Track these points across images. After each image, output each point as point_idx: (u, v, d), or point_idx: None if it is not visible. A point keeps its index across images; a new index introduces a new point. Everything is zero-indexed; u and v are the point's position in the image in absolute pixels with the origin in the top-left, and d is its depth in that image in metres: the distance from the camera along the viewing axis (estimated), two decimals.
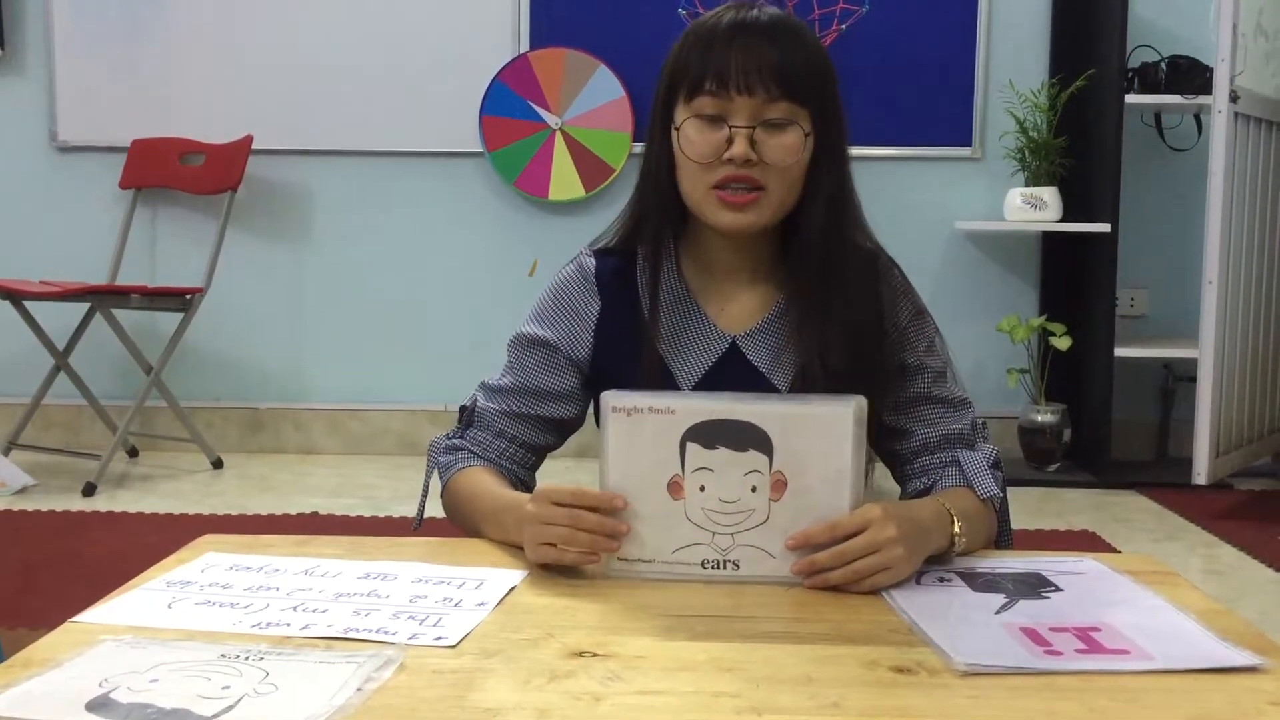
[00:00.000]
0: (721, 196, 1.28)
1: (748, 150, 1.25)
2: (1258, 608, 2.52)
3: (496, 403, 1.41)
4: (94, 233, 4.02)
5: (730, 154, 1.26)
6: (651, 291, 1.35)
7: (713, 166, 1.27)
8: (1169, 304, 4.03)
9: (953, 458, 1.34)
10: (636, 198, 1.39)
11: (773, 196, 1.29)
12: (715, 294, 1.37)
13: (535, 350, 1.40)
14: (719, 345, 1.35)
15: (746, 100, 1.25)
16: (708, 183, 1.28)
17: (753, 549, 1.13)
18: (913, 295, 1.39)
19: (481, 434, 1.41)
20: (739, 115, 1.26)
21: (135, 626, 0.99)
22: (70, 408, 3.97)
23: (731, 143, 1.26)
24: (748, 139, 1.25)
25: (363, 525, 3.12)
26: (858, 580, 1.10)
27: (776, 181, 1.28)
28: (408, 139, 4.02)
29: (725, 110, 1.26)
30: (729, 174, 1.27)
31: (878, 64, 3.89)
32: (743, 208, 1.28)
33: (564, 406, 1.41)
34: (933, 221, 3.98)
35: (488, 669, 0.91)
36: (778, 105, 1.26)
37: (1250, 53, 3.41)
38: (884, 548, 1.10)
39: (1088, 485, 3.68)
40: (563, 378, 1.40)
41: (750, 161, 1.26)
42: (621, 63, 3.92)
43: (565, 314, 1.40)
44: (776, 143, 1.27)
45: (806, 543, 1.12)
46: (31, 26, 4.02)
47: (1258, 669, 0.92)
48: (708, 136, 1.27)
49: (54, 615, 1.03)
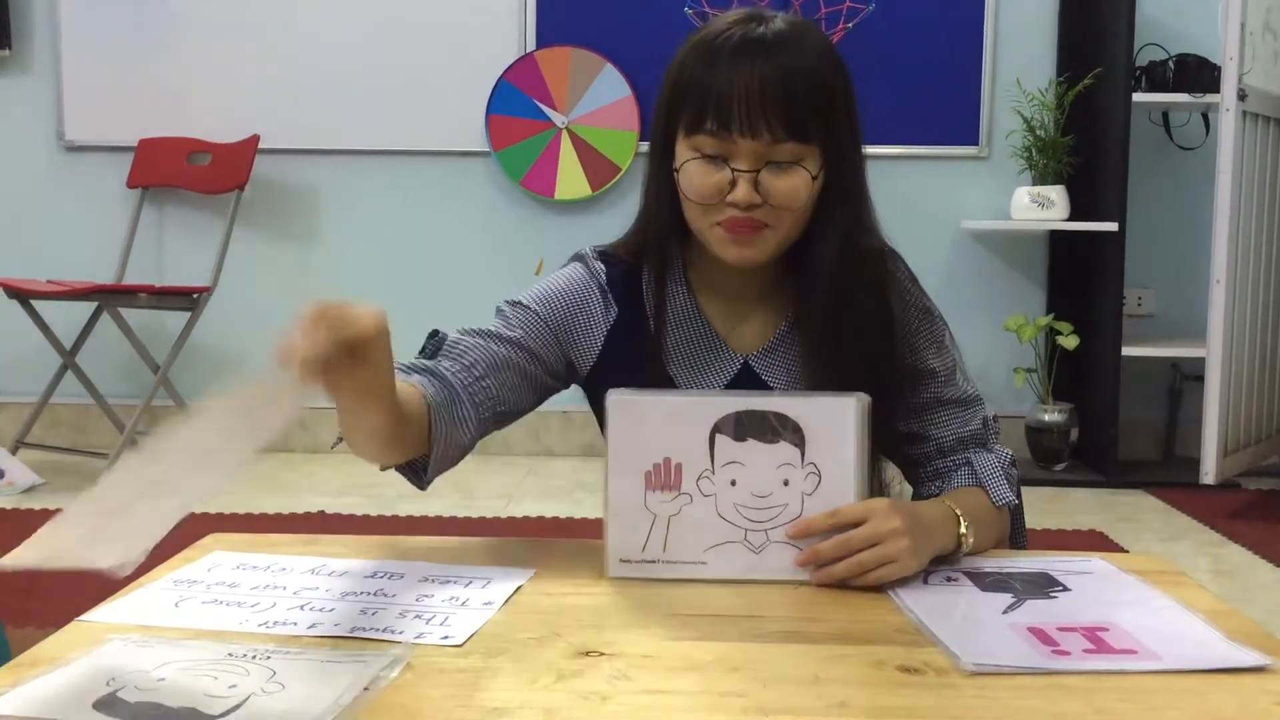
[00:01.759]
0: (726, 230, 1.23)
1: (751, 195, 1.20)
2: (1266, 607, 2.52)
3: (476, 338, 1.30)
4: (101, 232, 4.02)
5: (733, 198, 1.20)
6: (658, 313, 1.32)
7: (716, 206, 1.23)
8: (1176, 303, 4.02)
9: (966, 459, 1.33)
10: (642, 218, 1.34)
11: (778, 232, 1.24)
12: (725, 313, 1.34)
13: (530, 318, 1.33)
14: (732, 366, 1.33)
15: (750, 143, 1.19)
16: (711, 220, 1.24)
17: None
18: (919, 295, 1.36)
19: (448, 363, 1.27)
20: (742, 158, 1.20)
21: (142, 625, 0.99)
22: (78, 407, 3.98)
23: (734, 184, 1.20)
24: (751, 182, 1.20)
25: (369, 524, 3.12)
26: (863, 572, 1.09)
27: (781, 220, 1.23)
28: (414, 138, 4.02)
29: (728, 151, 1.20)
30: (732, 217, 1.22)
31: (884, 63, 3.88)
32: (748, 242, 1.24)
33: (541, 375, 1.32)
34: (940, 220, 3.98)
35: (494, 668, 0.91)
36: (783, 147, 1.20)
37: (1258, 51, 3.40)
38: (888, 539, 1.09)
39: (1095, 485, 3.68)
40: (552, 356, 1.33)
41: (755, 204, 1.20)
42: (628, 61, 3.92)
43: (575, 317, 1.34)
44: (782, 185, 1.21)
45: (809, 531, 1.12)
46: (39, 26, 4.03)
47: (1266, 669, 0.92)
48: (710, 178, 1.21)
49: (61, 614, 1.03)
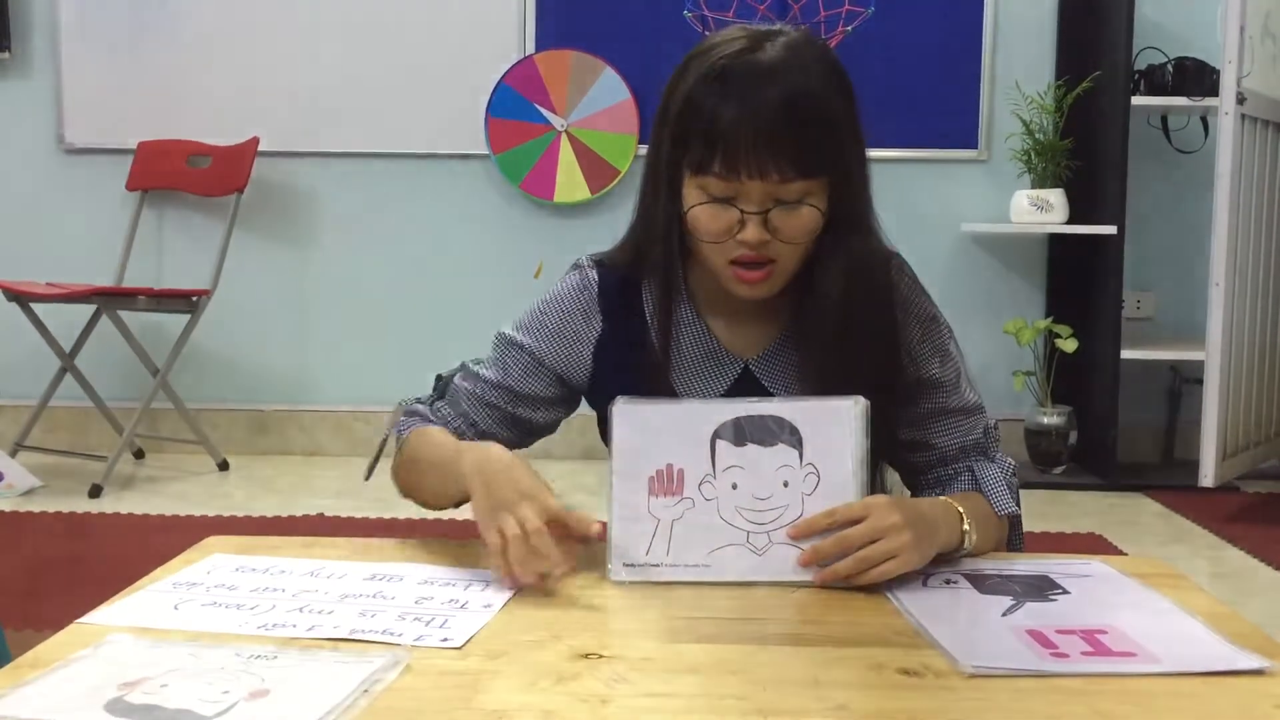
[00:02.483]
0: (736, 272, 1.24)
1: (761, 234, 1.20)
2: (1265, 610, 2.52)
3: (471, 384, 1.37)
4: (101, 235, 4.02)
5: (742, 238, 1.20)
6: (663, 329, 1.31)
7: (725, 245, 1.23)
8: (1175, 306, 4.02)
9: (968, 467, 1.33)
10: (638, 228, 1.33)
11: (786, 266, 1.24)
12: (725, 318, 1.34)
13: (520, 354, 1.36)
14: (733, 370, 1.33)
15: (759, 184, 1.19)
16: (722, 258, 1.24)
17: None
18: (922, 302, 1.35)
19: (447, 409, 1.38)
20: (750, 199, 1.20)
21: (141, 628, 0.99)
22: (77, 409, 3.98)
23: (743, 224, 1.20)
24: (760, 223, 1.20)
25: (368, 527, 3.13)
26: (865, 569, 1.09)
27: (790, 253, 1.23)
28: (414, 141, 4.02)
29: (735, 192, 1.20)
30: (742, 255, 1.22)
31: (884, 66, 3.89)
32: (757, 283, 1.24)
33: (539, 412, 1.37)
34: (939, 223, 3.98)
35: (494, 670, 0.91)
36: (792, 186, 1.19)
37: (1257, 54, 3.41)
38: (889, 534, 1.10)
39: (1094, 488, 3.68)
40: (543, 385, 1.36)
41: (764, 242, 1.21)
42: (627, 64, 3.92)
43: (562, 336, 1.35)
44: (791, 223, 1.21)
45: (810, 531, 1.12)
46: (38, 29, 4.03)
47: (1265, 672, 0.92)
48: (719, 219, 1.21)
49: (60, 616, 1.03)
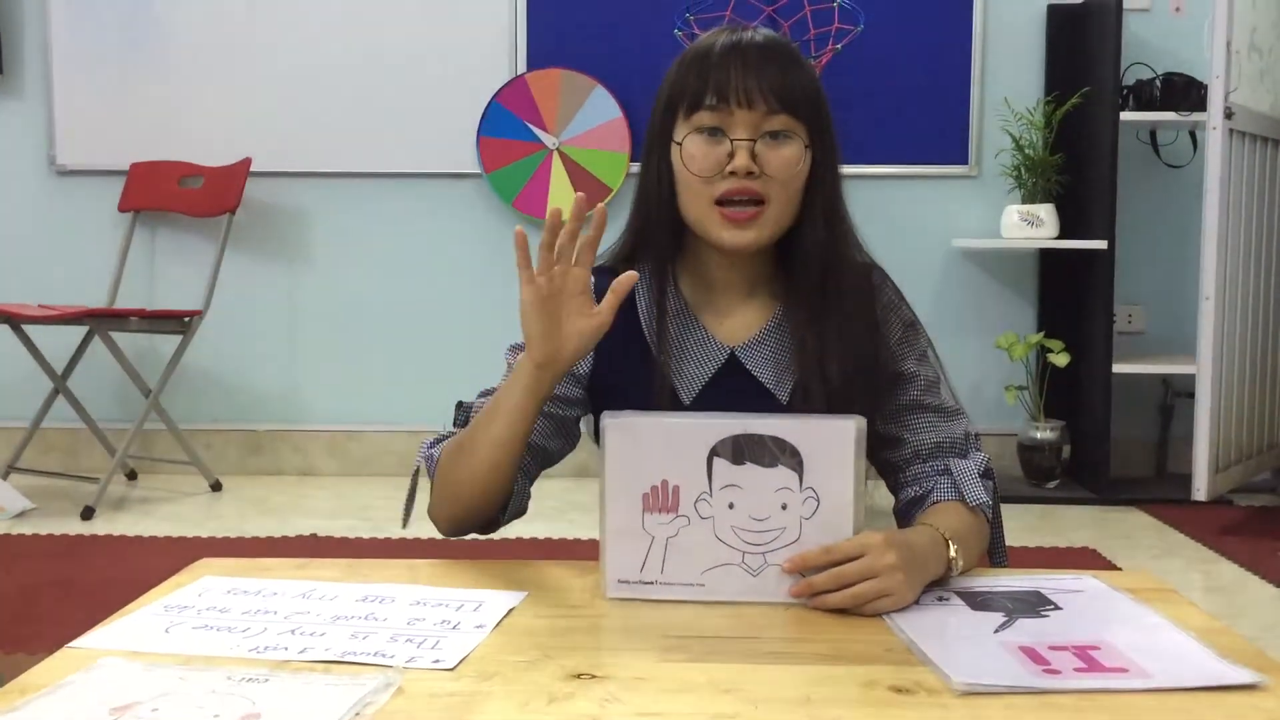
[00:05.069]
0: (724, 214, 1.29)
1: (750, 162, 1.27)
2: (1258, 624, 2.52)
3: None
4: (93, 256, 4.02)
5: (733, 166, 1.27)
6: (659, 309, 1.35)
7: (715, 181, 1.29)
8: (1166, 320, 4.03)
9: (944, 466, 1.34)
10: (635, 218, 1.40)
11: (773, 211, 1.30)
12: (713, 307, 1.38)
13: None
14: (719, 356, 1.36)
15: (747, 113, 1.27)
16: (710, 197, 1.29)
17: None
18: (904, 307, 1.41)
19: None
20: (740, 128, 1.28)
21: (133, 651, 0.99)
22: (69, 431, 3.97)
23: (733, 156, 1.28)
24: (749, 151, 1.27)
25: (362, 547, 3.12)
26: (858, 605, 1.11)
27: (778, 194, 1.29)
28: (406, 160, 4.03)
29: (726, 124, 1.28)
30: (731, 187, 1.28)
31: (874, 83, 3.90)
32: (744, 224, 1.29)
33: (566, 408, 1.38)
34: (930, 239, 3.99)
35: (486, 691, 0.91)
36: (778, 118, 1.28)
37: (1244, 70, 3.42)
38: (883, 574, 1.11)
39: (1087, 502, 3.68)
40: (566, 384, 1.36)
41: (752, 174, 1.28)
42: (618, 83, 3.93)
43: None
44: (778, 155, 1.29)
45: (805, 566, 1.13)
46: (30, 50, 4.04)
47: (1257, 687, 0.92)
48: (709, 151, 1.29)
49: (51, 639, 1.03)
